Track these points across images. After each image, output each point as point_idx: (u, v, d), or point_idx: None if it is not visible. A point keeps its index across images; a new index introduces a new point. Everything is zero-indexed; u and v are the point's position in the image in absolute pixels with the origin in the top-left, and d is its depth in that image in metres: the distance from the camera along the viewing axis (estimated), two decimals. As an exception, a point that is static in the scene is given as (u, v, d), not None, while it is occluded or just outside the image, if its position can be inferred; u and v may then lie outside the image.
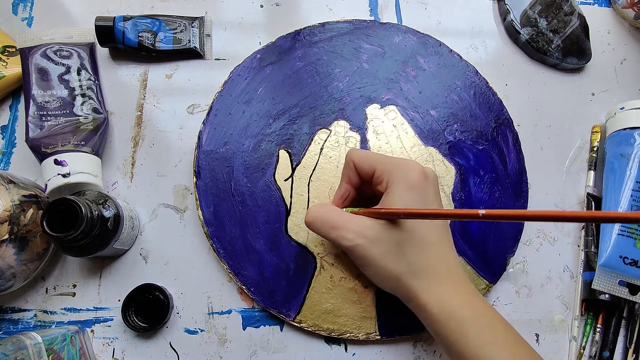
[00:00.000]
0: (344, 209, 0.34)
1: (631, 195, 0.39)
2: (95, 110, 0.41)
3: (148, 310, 0.38)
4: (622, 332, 0.39)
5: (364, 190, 0.36)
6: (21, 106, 0.43)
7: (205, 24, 0.46)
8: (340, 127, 0.42)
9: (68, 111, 0.40)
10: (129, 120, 0.43)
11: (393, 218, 0.31)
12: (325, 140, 0.41)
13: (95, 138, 0.40)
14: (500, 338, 0.29)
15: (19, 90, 0.43)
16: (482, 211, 0.25)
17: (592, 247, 0.40)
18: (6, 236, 0.33)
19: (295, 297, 0.38)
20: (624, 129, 0.41)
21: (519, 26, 0.46)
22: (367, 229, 0.31)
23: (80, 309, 0.38)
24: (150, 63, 0.45)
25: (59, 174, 0.37)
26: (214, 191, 0.40)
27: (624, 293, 0.37)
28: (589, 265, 0.40)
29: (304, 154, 0.41)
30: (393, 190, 0.31)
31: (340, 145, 0.41)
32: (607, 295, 0.38)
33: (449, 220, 0.34)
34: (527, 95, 0.46)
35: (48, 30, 0.43)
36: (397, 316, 0.38)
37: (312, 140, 0.41)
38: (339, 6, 0.48)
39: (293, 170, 0.41)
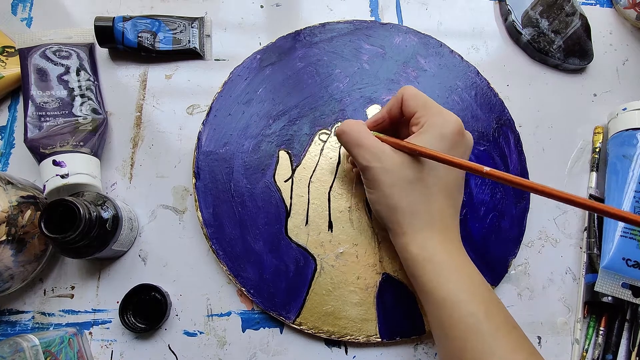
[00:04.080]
0: (373, 133, 0.35)
1: (634, 197, 0.38)
2: (94, 110, 0.41)
3: (146, 311, 0.37)
4: (625, 334, 0.39)
5: (400, 131, 0.37)
6: (20, 107, 0.43)
7: (205, 24, 0.45)
8: (341, 127, 0.42)
9: (67, 112, 0.40)
10: (128, 121, 0.43)
11: (411, 153, 0.32)
12: (326, 141, 0.41)
13: (94, 139, 0.39)
14: (473, 288, 0.30)
15: (17, 90, 0.43)
16: (486, 168, 0.28)
17: (595, 249, 0.40)
18: (4, 237, 0.33)
19: (295, 299, 0.38)
20: (627, 130, 0.41)
21: (521, 27, 0.46)
22: (387, 156, 0.32)
23: (79, 311, 0.38)
24: (149, 63, 0.44)
25: (57, 175, 0.37)
26: (214, 192, 0.39)
27: (627, 295, 0.37)
28: (592, 268, 0.40)
29: (304, 155, 0.41)
30: (425, 132, 0.32)
31: (341, 146, 0.41)
32: (609, 298, 0.38)
33: (463, 184, 0.35)
34: (529, 96, 0.46)
35: (47, 30, 0.42)
36: (398, 318, 0.38)
37: (312, 141, 0.41)
38: (340, 6, 0.47)
39: (293, 171, 0.40)
